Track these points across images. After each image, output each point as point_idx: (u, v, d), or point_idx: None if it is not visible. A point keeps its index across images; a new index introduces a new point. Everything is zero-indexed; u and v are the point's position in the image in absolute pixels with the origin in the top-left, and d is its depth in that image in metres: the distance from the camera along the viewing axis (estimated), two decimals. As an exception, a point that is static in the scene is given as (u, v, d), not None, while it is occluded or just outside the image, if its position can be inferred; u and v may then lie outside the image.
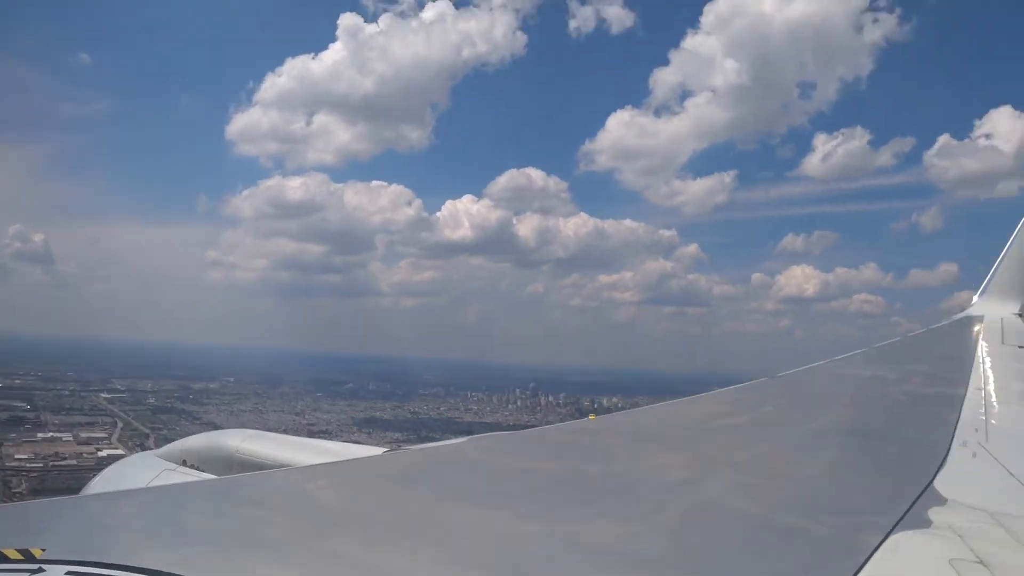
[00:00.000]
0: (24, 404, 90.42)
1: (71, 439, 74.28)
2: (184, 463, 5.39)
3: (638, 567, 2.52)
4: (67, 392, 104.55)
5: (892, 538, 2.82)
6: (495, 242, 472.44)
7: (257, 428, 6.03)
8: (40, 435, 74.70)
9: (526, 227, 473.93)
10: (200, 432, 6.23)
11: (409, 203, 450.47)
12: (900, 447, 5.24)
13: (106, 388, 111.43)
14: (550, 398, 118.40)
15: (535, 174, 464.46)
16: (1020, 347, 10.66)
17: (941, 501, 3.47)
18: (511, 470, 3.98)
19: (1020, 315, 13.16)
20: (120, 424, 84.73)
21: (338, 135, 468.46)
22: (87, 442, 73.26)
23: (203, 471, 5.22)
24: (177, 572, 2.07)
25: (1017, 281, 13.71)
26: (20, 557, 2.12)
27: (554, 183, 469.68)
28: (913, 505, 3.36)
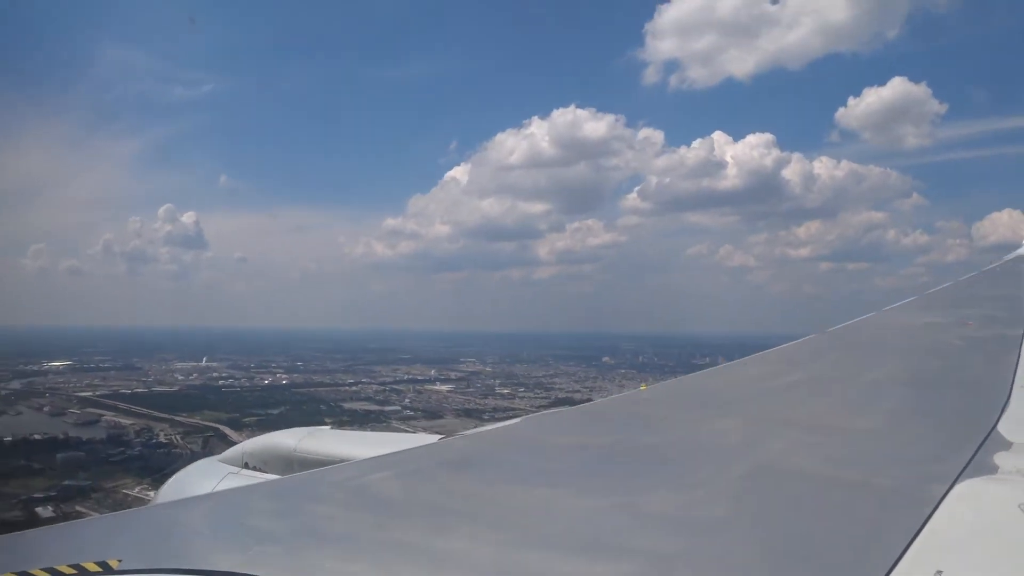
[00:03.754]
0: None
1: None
2: (246, 466, 5.57)
3: (703, 533, 2.57)
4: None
5: (959, 486, 2.83)
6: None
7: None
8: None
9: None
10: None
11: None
12: (961, 393, 5.18)
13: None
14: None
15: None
16: None
17: (1006, 445, 3.44)
18: (566, 447, 4.02)
19: None
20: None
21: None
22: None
23: (265, 472, 5.39)
24: (249, 572, 2.19)
25: None
26: (98, 569, 2.21)
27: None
28: (978, 451, 3.32)
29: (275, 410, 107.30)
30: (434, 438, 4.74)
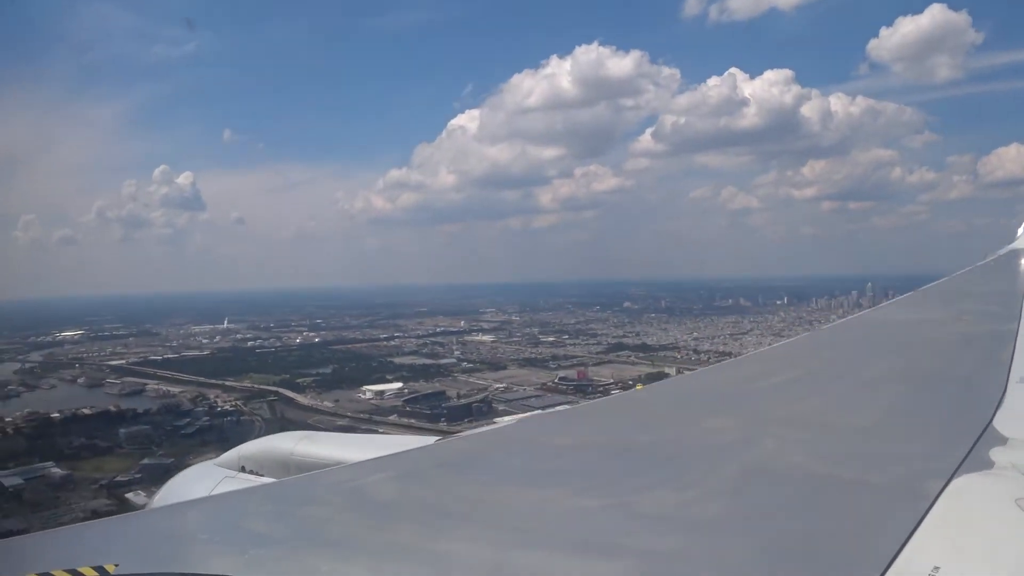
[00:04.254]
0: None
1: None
2: (243, 469, 5.44)
3: (699, 532, 2.55)
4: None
5: (955, 481, 2.84)
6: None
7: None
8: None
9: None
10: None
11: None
12: (956, 389, 5.17)
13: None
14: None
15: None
16: None
17: (1002, 440, 3.47)
18: (563, 447, 3.95)
19: None
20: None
21: None
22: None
23: (262, 476, 5.27)
24: None
25: None
26: (95, 574, 2.20)
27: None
28: (974, 447, 3.34)
29: (325, 369, 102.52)
30: (431, 439, 4.66)
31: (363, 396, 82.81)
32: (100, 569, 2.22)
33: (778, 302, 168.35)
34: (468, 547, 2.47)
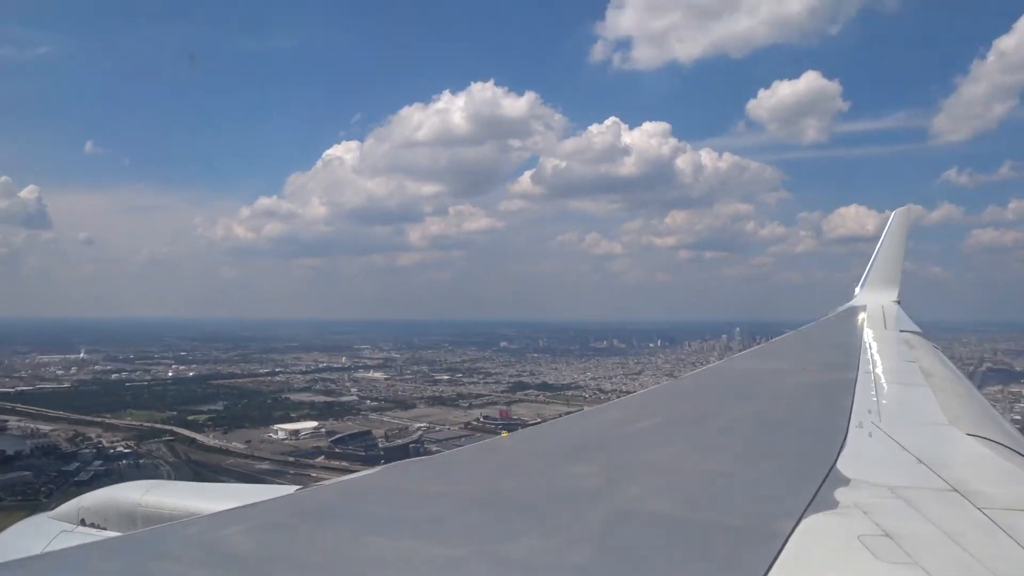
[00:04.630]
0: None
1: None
2: (83, 522, 5.07)
3: None
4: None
5: (804, 521, 3.02)
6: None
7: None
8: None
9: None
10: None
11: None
12: (803, 434, 5.48)
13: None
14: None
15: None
16: (901, 331, 11.51)
17: (845, 481, 3.70)
18: (429, 495, 3.90)
19: (898, 302, 14.60)
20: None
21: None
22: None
23: (105, 529, 4.94)
24: None
25: (891, 272, 15.58)
26: None
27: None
28: (820, 488, 3.55)
29: (214, 405, 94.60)
30: (290, 489, 4.57)
31: (275, 436, 76.57)
32: None
33: (651, 344, 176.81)
34: None
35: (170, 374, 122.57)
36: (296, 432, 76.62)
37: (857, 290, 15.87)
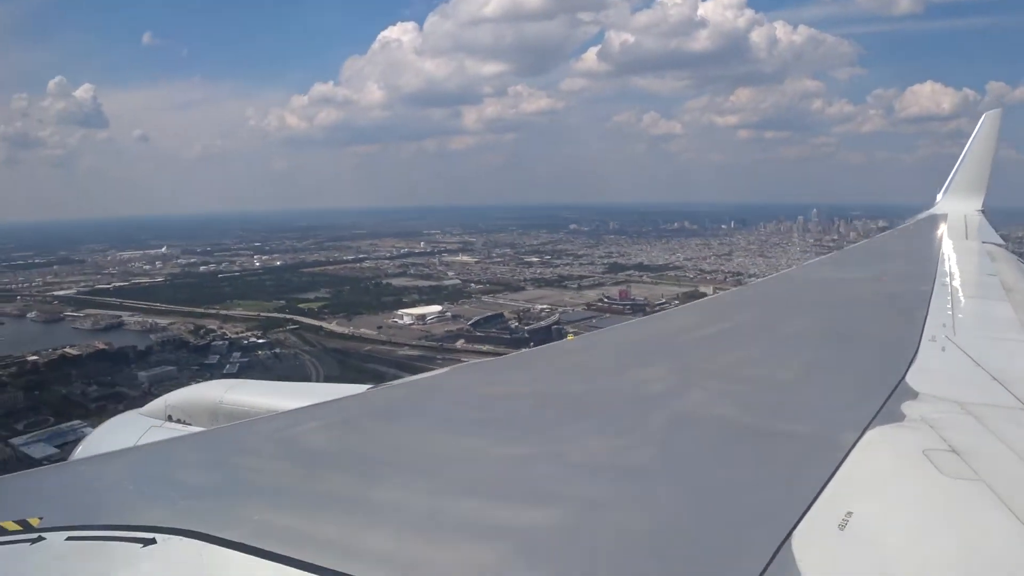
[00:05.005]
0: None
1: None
2: (169, 418, 5.35)
3: (627, 480, 2.68)
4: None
5: (868, 433, 3.00)
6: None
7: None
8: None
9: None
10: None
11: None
12: (873, 345, 5.34)
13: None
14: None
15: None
16: (983, 242, 11.00)
17: (913, 395, 3.64)
18: (496, 396, 4.05)
19: (982, 211, 14.02)
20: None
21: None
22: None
23: (190, 425, 5.18)
24: (176, 526, 2.12)
25: (977, 179, 14.80)
26: (19, 528, 2.16)
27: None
28: (887, 401, 3.51)
29: (319, 293, 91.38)
30: (362, 388, 4.61)
31: (401, 321, 73.29)
32: (23, 522, 2.17)
33: (723, 226, 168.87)
34: (401, 495, 2.47)
35: (257, 264, 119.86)
36: (423, 316, 73.38)
37: (939, 196, 15.37)
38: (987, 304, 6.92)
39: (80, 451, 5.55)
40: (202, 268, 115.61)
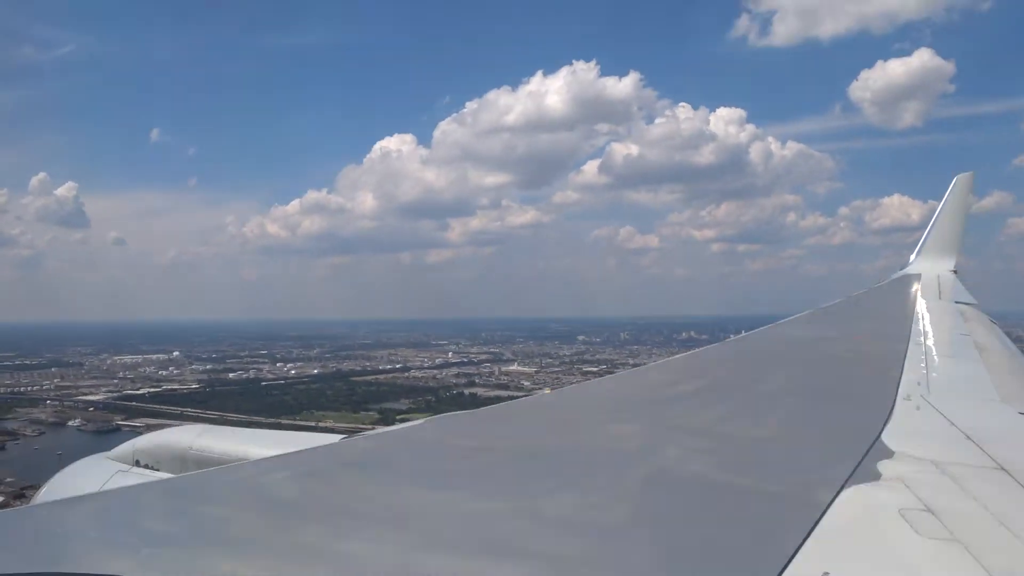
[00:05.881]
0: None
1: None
2: (137, 463, 5.30)
3: (601, 535, 2.60)
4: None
5: (845, 492, 2.97)
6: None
7: None
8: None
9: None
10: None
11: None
12: (848, 404, 5.34)
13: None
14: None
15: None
16: (956, 302, 11.04)
17: (889, 454, 3.61)
18: (469, 449, 3.91)
19: (955, 271, 13.98)
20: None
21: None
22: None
23: (157, 471, 5.16)
24: None
25: (949, 240, 15.00)
26: None
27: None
28: (863, 459, 3.47)
29: (397, 403, 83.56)
30: (335, 438, 4.75)
31: None
32: None
33: (731, 336, 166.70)
34: (371, 548, 2.40)
35: (292, 372, 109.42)
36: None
37: (912, 258, 15.44)
38: (961, 363, 6.96)
39: (43, 494, 5.37)
40: (231, 375, 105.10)
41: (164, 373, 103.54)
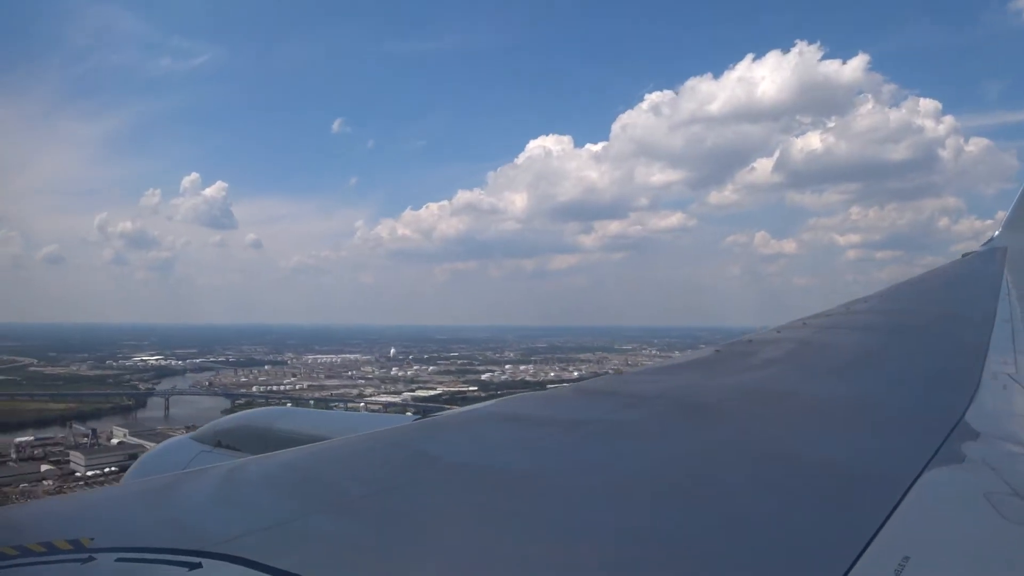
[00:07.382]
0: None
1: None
2: (219, 444, 5.47)
3: (690, 509, 2.66)
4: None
5: (927, 474, 2.92)
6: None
7: None
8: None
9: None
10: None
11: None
12: (932, 382, 5.31)
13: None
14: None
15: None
16: None
17: (973, 435, 3.55)
18: (539, 421, 4.03)
19: None
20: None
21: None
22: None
23: (239, 451, 5.29)
24: (223, 552, 2.14)
25: None
26: (69, 547, 2.18)
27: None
28: (946, 440, 3.43)
29: None
30: (409, 418, 4.74)
31: None
32: (75, 542, 2.19)
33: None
34: (453, 528, 2.46)
35: (551, 374, 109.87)
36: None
37: (998, 230, 15.29)
38: None
39: (132, 472, 5.77)
40: (484, 376, 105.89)
41: (408, 374, 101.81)
